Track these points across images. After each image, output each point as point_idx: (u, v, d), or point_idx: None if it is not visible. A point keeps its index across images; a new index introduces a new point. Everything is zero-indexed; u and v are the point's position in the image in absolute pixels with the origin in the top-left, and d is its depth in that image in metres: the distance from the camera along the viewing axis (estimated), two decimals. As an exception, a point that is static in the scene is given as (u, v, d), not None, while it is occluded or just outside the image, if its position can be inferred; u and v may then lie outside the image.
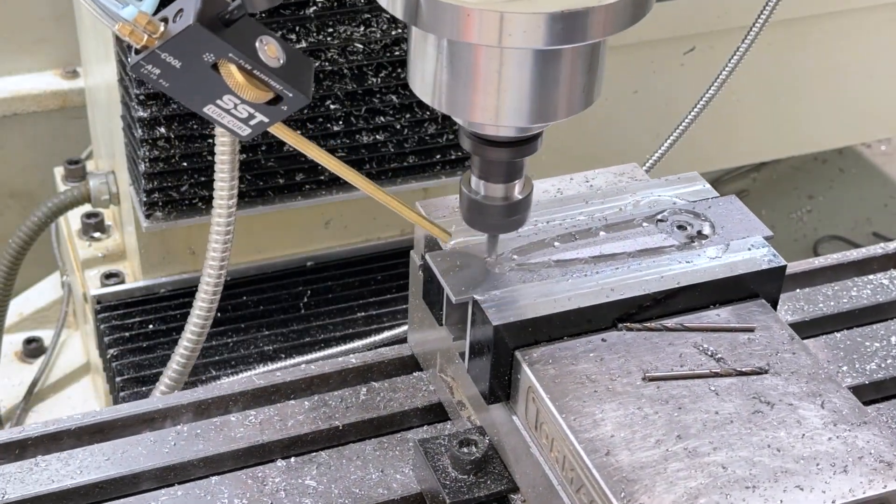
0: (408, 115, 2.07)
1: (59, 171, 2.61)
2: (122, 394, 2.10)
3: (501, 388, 1.42)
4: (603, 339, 1.42)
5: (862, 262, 1.80)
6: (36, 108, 2.83)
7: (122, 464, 1.47)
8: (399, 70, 2.01)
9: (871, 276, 1.78)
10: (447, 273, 1.44)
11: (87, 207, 2.46)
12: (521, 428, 1.41)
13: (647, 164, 1.92)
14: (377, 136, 2.08)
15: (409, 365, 1.64)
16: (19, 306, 2.74)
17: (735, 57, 1.85)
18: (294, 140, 1.34)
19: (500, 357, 1.39)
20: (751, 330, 1.44)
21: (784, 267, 1.49)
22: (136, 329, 2.19)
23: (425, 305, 1.55)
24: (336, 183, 2.12)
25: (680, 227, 1.53)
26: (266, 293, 2.27)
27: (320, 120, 2.03)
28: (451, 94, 1.28)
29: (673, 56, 2.71)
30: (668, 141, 1.92)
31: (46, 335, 2.69)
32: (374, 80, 2.00)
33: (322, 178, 2.11)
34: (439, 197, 1.57)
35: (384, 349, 1.66)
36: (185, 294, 2.22)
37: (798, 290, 1.75)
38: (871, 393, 1.60)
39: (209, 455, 1.49)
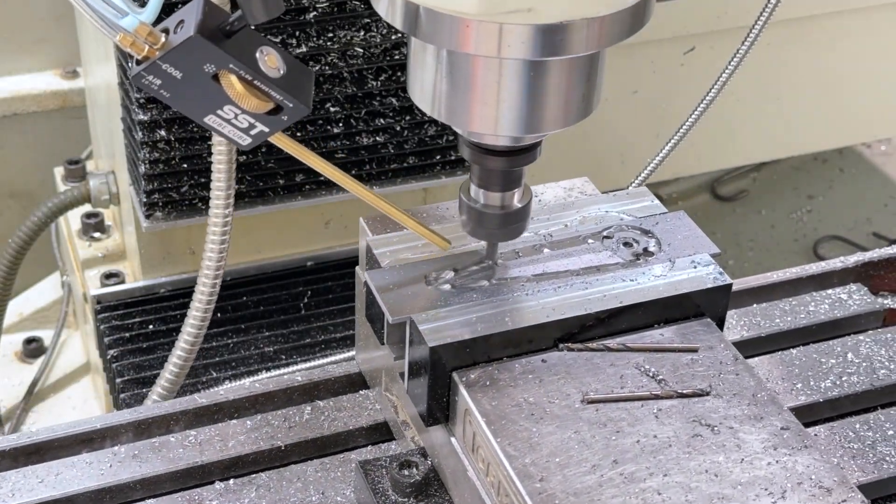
0: (408, 118, 2.08)
1: (59, 171, 2.61)
2: (122, 395, 2.10)
3: (440, 409, 1.40)
4: (543, 360, 1.39)
5: (821, 276, 1.76)
6: (36, 108, 2.83)
7: (55, 486, 1.44)
8: (399, 73, 2.01)
9: (829, 291, 1.75)
10: (385, 292, 1.41)
11: (87, 207, 2.46)
12: (459, 451, 1.38)
13: (650, 167, 1.92)
14: (377, 138, 2.08)
15: (357, 383, 1.61)
16: (19, 306, 2.74)
17: (736, 58, 1.85)
18: (294, 149, 1.34)
19: (438, 378, 1.37)
20: (694, 350, 1.42)
21: (730, 285, 1.46)
22: (137, 329, 2.20)
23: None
24: (336, 183, 2.12)
25: (626, 244, 1.50)
26: (266, 293, 2.27)
27: (320, 122, 2.03)
28: (450, 104, 1.28)
29: (673, 56, 2.71)
30: (671, 142, 1.92)
31: (46, 335, 2.69)
32: (374, 83, 2.00)
33: (322, 178, 2.11)
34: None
35: (332, 366, 1.62)
36: (185, 294, 2.22)
37: (755, 306, 1.72)
38: (826, 411, 1.58)
39: (146, 476, 1.46)
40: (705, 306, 1.46)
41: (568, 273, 1.46)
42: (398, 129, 2.08)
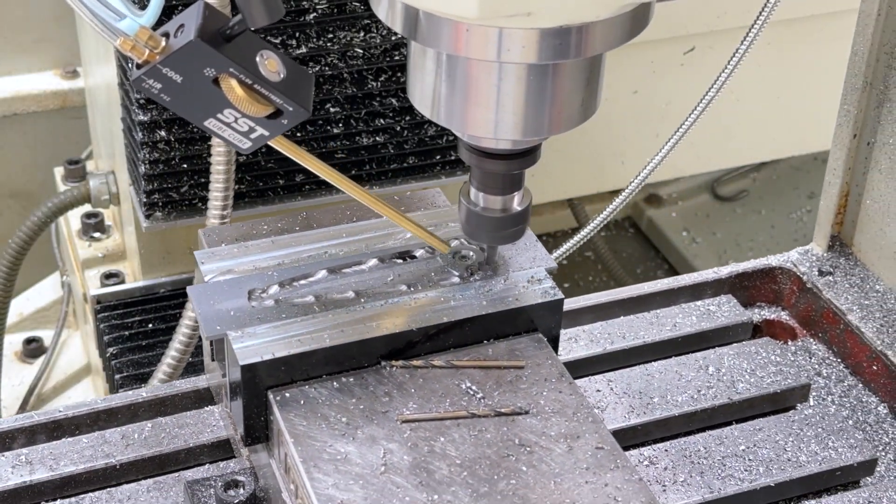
0: (408, 118, 2.08)
1: (59, 171, 2.61)
2: (120, 391, 2.10)
3: (260, 428, 1.37)
4: (363, 378, 1.36)
5: (695, 287, 1.74)
6: (36, 108, 2.83)
7: None
8: (399, 74, 2.01)
9: (699, 303, 1.72)
10: (205, 307, 1.38)
11: (87, 207, 2.47)
12: (276, 471, 1.36)
13: (650, 167, 1.92)
14: (377, 138, 2.08)
15: (206, 398, 1.56)
16: (19, 306, 2.74)
17: (735, 58, 1.84)
18: (294, 153, 1.35)
19: (253, 397, 1.34)
20: (520, 367, 1.39)
21: (561, 301, 1.44)
22: (136, 328, 2.20)
23: None
24: (336, 184, 2.12)
25: (462, 258, 1.46)
26: (266, 293, 2.27)
27: (321, 123, 2.03)
28: (449, 108, 1.28)
29: (673, 56, 2.71)
30: (671, 143, 1.92)
31: (46, 335, 2.69)
32: (374, 84, 2.00)
33: (322, 178, 2.11)
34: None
35: (180, 382, 1.57)
36: (184, 294, 2.22)
37: (622, 318, 1.69)
38: (681, 425, 1.56)
39: None
40: (537, 321, 1.44)
41: (396, 287, 1.42)
42: (398, 129, 2.08)
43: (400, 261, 1.46)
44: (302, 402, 1.33)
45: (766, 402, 1.59)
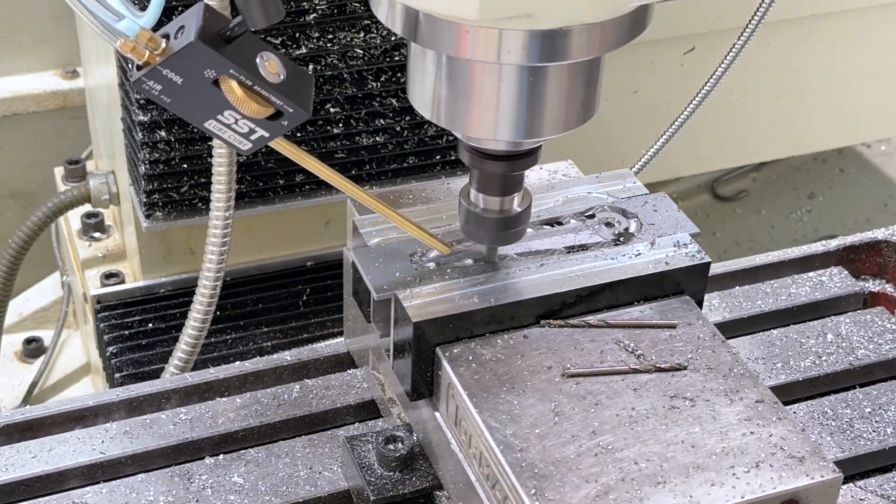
0: (407, 118, 2.08)
1: (59, 171, 2.61)
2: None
3: (424, 384, 1.43)
4: (525, 336, 1.42)
5: (803, 260, 1.80)
6: (36, 108, 2.83)
7: (48, 461, 1.47)
8: (399, 74, 2.01)
9: (811, 274, 1.78)
10: (371, 270, 1.45)
11: (87, 207, 2.46)
12: (443, 424, 1.42)
13: (640, 163, 1.93)
14: (377, 139, 2.09)
15: (345, 362, 1.64)
16: (19, 306, 2.74)
17: (730, 56, 1.84)
18: (295, 154, 1.35)
19: (422, 354, 1.40)
20: (673, 327, 1.45)
21: (708, 264, 1.50)
22: (136, 328, 2.20)
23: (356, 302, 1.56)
24: (336, 185, 2.12)
25: (607, 225, 1.53)
26: (266, 292, 2.27)
27: (321, 123, 2.03)
28: (450, 109, 1.29)
29: (673, 56, 2.71)
30: (661, 140, 1.93)
31: (46, 335, 2.69)
32: (374, 84, 2.00)
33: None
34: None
35: (319, 346, 1.66)
36: (184, 294, 2.22)
37: (737, 288, 1.75)
38: (804, 390, 1.62)
39: (137, 452, 1.49)
40: (684, 284, 1.49)
41: (551, 251, 1.49)
42: (398, 129, 2.08)
43: (548, 227, 1.53)
44: (470, 357, 1.39)
45: (883, 369, 1.65)
